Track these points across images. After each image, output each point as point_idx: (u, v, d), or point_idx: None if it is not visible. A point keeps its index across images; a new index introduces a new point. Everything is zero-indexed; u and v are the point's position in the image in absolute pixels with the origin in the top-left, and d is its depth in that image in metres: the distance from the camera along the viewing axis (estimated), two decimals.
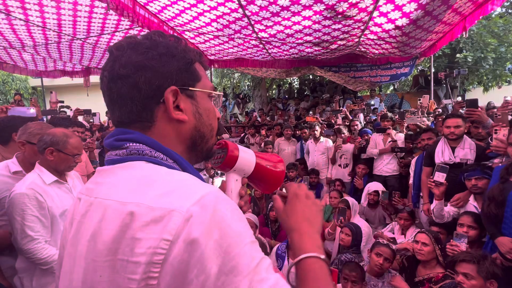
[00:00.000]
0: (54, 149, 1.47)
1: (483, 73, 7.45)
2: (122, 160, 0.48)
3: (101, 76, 0.52)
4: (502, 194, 1.76)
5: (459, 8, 3.46)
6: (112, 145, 0.50)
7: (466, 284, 1.55)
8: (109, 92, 0.50)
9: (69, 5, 3.38)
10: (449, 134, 2.57)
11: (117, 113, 0.51)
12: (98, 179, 0.49)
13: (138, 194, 0.41)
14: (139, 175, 0.44)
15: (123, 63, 0.48)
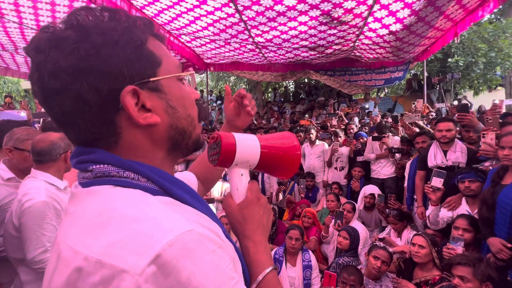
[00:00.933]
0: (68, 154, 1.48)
1: (474, 77, 7.63)
2: (90, 184, 0.40)
3: (33, 92, 0.40)
4: (492, 197, 1.81)
5: (451, 15, 3.55)
6: (77, 168, 0.42)
7: (462, 287, 1.56)
8: (50, 111, 0.39)
9: (64, 8, 3.36)
10: (441, 138, 2.62)
11: (70, 134, 0.41)
12: (70, 206, 0.41)
13: (89, 241, 0.33)
14: (97, 210, 0.36)
15: (51, 72, 0.36)
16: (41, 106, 0.41)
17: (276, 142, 0.57)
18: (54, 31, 0.37)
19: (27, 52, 0.38)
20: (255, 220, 0.51)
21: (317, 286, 2.36)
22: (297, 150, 0.58)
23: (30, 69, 0.39)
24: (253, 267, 0.47)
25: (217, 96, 12.24)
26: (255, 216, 0.51)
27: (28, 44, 0.38)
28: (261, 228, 0.51)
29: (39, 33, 0.38)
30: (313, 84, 10.02)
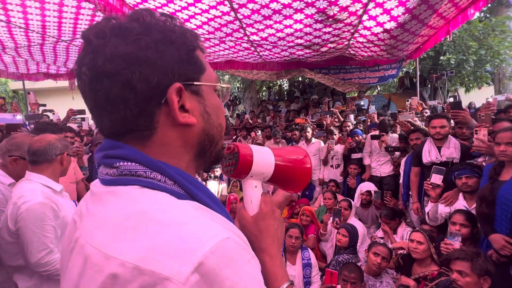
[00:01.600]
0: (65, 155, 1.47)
1: (465, 74, 7.77)
2: (113, 181, 0.39)
3: (77, 73, 0.40)
4: (491, 193, 1.83)
5: (444, 13, 3.60)
6: (102, 163, 0.41)
7: (461, 281, 1.59)
8: (93, 94, 0.39)
9: (54, 6, 3.27)
10: (435, 134, 2.66)
11: (106, 121, 0.40)
12: (90, 204, 0.41)
13: (122, 245, 0.32)
14: (126, 212, 0.35)
15: (108, 56, 0.37)
16: (85, 89, 0.40)
17: (288, 156, 0.59)
18: (119, 21, 0.40)
19: (85, 36, 0.39)
20: (270, 233, 0.51)
21: (317, 284, 2.37)
22: (308, 163, 0.60)
23: (82, 52, 0.40)
24: (270, 281, 0.47)
25: None
26: (270, 229, 0.51)
27: (87, 29, 0.40)
28: (277, 241, 0.51)
29: (102, 22, 0.40)
30: (307, 82, 10.05)
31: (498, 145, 1.84)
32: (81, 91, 0.40)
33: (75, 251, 0.37)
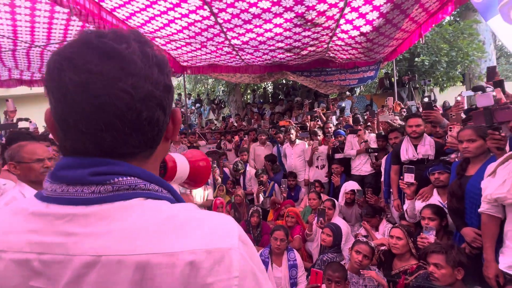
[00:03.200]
0: (14, 163, 1.47)
1: (439, 75, 8.15)
2: (104, 199, 0.37)
3: (106, 90, 0.37)
4: (460, 189, 1.93)
5: (415, 17, 3.78)
6: (82, 181, 0.37)
7: (437, 273, 1.66)
8: (132, 114, 0.38)
9: (25, 10, 3.15)
10: (412, 133, 2.78)
11: (129, 140, 0.39)
12: (72, 228, 0.36)
13: (180, 240, 0.35)
14: (157, 218, 0.37)
15: (155, 83, 0.40)
16: (122, 107, 0.38)
17: (194, 158, 0.68)
18: (153, 51, 0.42)
19: (128, 54, 0.39)
20: None
21: (303, 284, 2.39)
22: (209, 161, 0.72)
23: (117, 68, 0.38)
24: None
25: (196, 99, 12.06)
26: None
27: (127, 47, 0.39)
28: None
29: (137, 47, 0.40)
30: (291, 84, 10.19)
31: (461, 143, 1.95)
32: (110, 107, 0.37)
33: (97, 272, 0.34)
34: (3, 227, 0.37)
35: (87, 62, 0.36)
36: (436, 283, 1.68)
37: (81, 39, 0.38)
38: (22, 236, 0.36)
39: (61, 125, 0.39)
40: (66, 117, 0.38)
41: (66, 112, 0.38)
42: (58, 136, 0.41)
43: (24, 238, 0.36)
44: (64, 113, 0.38)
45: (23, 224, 0.37)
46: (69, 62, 0.37)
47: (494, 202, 1.58)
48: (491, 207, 1.62)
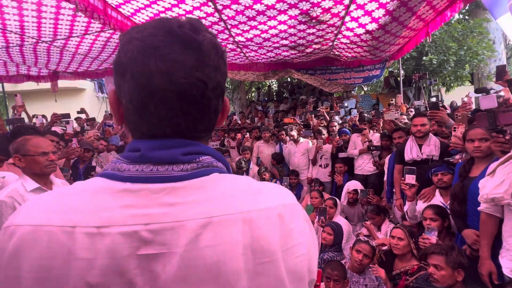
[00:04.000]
0: (19, 156, 1.50)
1: (446, 74, 8.02)
2: (190, 176, 0.41)
3: (180, 81, 0.40)
4: (462, 191, 1.89)
5: (422, 15, 3.71)
6: (175, 159, 0.41)
7: (437, 274, 1.65)
8: (205, 100, 0.42)
9: (32, 5, 3.18)
10: (416, 132, 2.74)
11: (199, 124, 0.44)
12: (170, 199, 0.39)
13: (265, 199, 0.44)
14: (240, 185, 0.44)
15: (222, 72, 0.44)
16: (196, 94, 0.41)
17: None
18: (214, 38, 0.44)
19: (204, 43, 0.41)
20: None
21: None
22: None
23: (194, 57, 0.41)
24: None
25: None
26: None
27: (198, 33, 0.41)
28: None
29: (208, 34, 0.43)
30: (296, 83, 10.14)
31: (472, 141, 1.91)
32: (188, 94, 0.40)
33: (214, 229, 0.39)
34: (93, 205, 0.38)
35: (172, 51, 0.39)
36: (436, 284, 1.66)
37: (163, 27, 0.40)
38: (119, 211, 0.38)
39: (139, 109, 0.41)
40: (146, 102, 0.40)
41: (147, 97, 0.40)
42: (128, 119, 0.43)
43: (124, 213, 0.38)
44: (145, 98, 0.40)
45: (114, 201, 0.39)
46: (155, 50, 0.39)
47: (491, 202, 1.55)
48: (490, 206, 1.60)
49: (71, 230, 0.36)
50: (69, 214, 0.37)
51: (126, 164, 0.41)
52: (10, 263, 0.36)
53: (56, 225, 0.37)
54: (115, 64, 0.42)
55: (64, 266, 0.35)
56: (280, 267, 0.41)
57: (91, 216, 0.37)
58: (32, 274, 0.35)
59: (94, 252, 0.36)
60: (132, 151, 0.42)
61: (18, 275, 0.36)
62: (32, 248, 0.36)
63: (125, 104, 0.42)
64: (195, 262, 0.37)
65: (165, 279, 0.37)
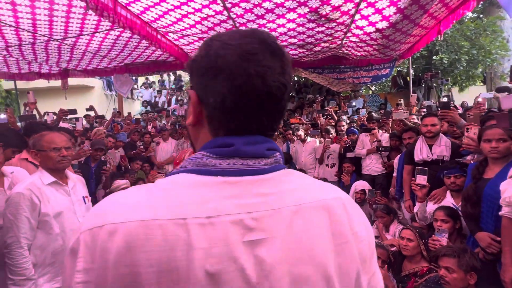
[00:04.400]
0: (35, 151, 1.57)
1: (458, 74, 7.85)
2: (271, 169, 0.46)
3: (271, 84, 0.44)
4: (476, 193, 1.84)
5: (435, 13, 3.64)
6: (262, 154, 0.46)
7: (448, 277, 1.61)
8: (285, 101, 0.48)
9: (44, 4, 3.23)
10: (426, 132, 2.69)
11: (275, 123, 0.49)
12: (263, 189, 0.43)
13: (332, 191, 0.50)
14: (307, 179, 0.50)
15: (291, 76, 0.49)
16: (278, 95, 0.46)
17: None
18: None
19: (278, 50, 0.46)
20: None
21: None
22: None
23: (282, 62, 0.46)
24: None
25: None
26: None
27: (275, 42, 0.47)
28: None
29: (273, 37, 0.48)
30: (303, 82, 10.08)
31: (489, 142, 1.85)
32: (274, 95, 0.45)
33: (303, 216, 0.44)
34: (196, 198, 0.41)
35: (264, 58, 0.44)
36: (447, 287, 1.63)
37: (257, 36, 0.46)
38: (223, 202, 0.41)
39: (232, 108, 0.44)
40: (241, 101, 0.44)
41: (243, 97, 0.43)
42: (214, 117, 0.46)
43: (227, 203, 0.41)
44: (240, 97, 0.43)
45: (215, 193, 0.41)
46: (252, 56, 0.44)
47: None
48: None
49: (183, 222, 0.38)
50: (176, 207, 0.39)
51: (214, 159, 0.44)
52: (120, 261, 0.36)
53: (166, 219, 0.38)
54: (204, 67, 0.45)
55: (184, 257, 0.37)
56: (353, 248, 0.46)
57: (199, 207, 0.39)
58: (152, 268, 0.36)
59: (209, 241, 0.38)
60: (223, 147, 0.44)
61: (134, 272, 0.36)
62: (146, 243, 0.36)
63: (213, 103, 0.45)
64: (293, 245, 0.42)
65: (270, 263, 0.40)
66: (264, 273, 0.40)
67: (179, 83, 12.43)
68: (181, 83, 12.53)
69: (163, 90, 11.93)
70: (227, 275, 0.38)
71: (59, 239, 1.54)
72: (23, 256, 1.42)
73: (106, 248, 0.36)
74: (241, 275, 0.39)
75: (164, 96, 11.46)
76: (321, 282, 0.43)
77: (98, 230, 0.38)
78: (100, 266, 0.37)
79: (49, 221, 1.51)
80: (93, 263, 0.37)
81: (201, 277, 0.37)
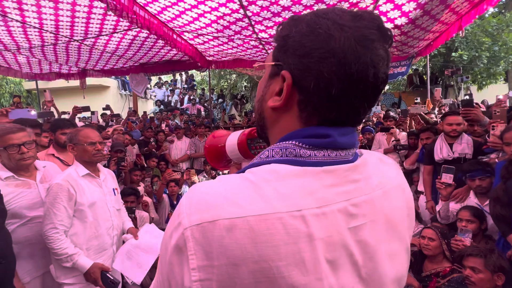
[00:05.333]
0: (72, 145, 1.69)
1: (477, 71, 7.58)
2: (355, 157, 0.46)
3: (380, 76, 0.42)
4: (506, 194, 1.77)
5: (456, 8, 3.53)
6: (353, 145, 0.46)
7: (474, 277, 1.57)
8: (380, 94, 0.46)
9: (67, 5, 3.35)
10: (451, 131, 2.60)
11: (363, 114, 0.46)
12: (356, 176, 0.44)
13: (392, 169, 0.51)
14: (377, 163, 0.50)
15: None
16: (380, 88, 0.44)
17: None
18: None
19: (387, 49, 0.43)
20: None
21: None
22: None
23: (385, 59, 0.42)
24: None
25: (219, 94, 12.24)
26: None
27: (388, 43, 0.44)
28: None
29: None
30: None
31: (508, 145, 1.80)
32: (379, 88, 0.43)
33: (387, 198, 0.46)
34: (302, 188, 0.39)
35: (380, 46, 0.41)
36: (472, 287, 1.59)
37: (374, 21, 0.42)
38: (327, 191, 0.40)
39: (337, 96, 0.41)
40: (345, 90, 0.41)
41: (352, 85, 0.41)
42: (311, 103, 0.43)
43: (331, 191, 0.41)
44: (349, 86, 0.41)
45: (317, 182, 0.40)
46: (371, 43, 0.40)
47: None
48: None
49: (299, 214, 0.37)
50: (288, 199, 0.38)
51: (309, 150, 0.42)
52: (248, 258, 0.35)
53: (282, 212, 0.37)
54: (309, 47, 0.40)
55: (308, 248, 0.37)
56: (413, 221, 0.52)
57: (308, 198, 0.39)
58: (282, 262, 0.35)
59: (326, 231, 0.38)
60: (317, 137, 0.42)
61: (264, 267, 0.35)
62: (271, 238, 0.35)
63: (314, 88, 0.41)
64: (386, 226, 0.44)
65: (373, 246, 0.42)
66: (368, 255, 0.41)
67: (191, 82, 12.59)
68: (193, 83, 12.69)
69: (175, 90, 12.12)
70: (341, 260, 0.39)
71: (92, 227, 1.66)
72: (60, 240, 1.53)
73: (226, 245, 0.35)
74: (350, 260, 0.40)
75: (177, 95, 11.64)
76: (404, 253, 0.47)
77: (209, 226, 0.36)
78: (224, 263, 0.35)
79: (84, 210, 1.62)
80: (210, 260, 0.35)
81: (325, 266, 0.38)
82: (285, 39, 0.43)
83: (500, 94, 3.59)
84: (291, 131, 0.44)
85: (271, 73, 0.47)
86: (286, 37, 0.43)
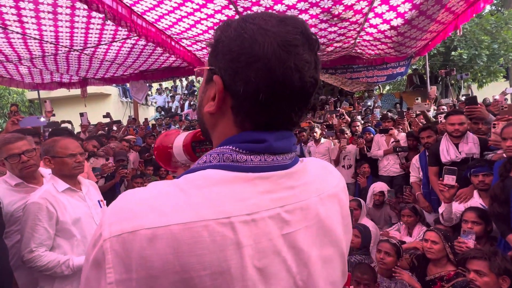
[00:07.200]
0: (48, 157, 1.51)
1: (477, 70, 7.55)
2: (293, 163, 0.46)
3: (307, 80, 0.42)
4: (504, 192, 1.75)
5: (452, 7, 3.52)
6: (290, 150, 0.46)
7: (479, 281, 1.53)
8: (311, 97, 0.46)
9: (66, 16, 3.39)
10: (454, 132, 2.52)
11: (295, 118, 0.46)
12: (291, 182, 0.44)
13: (335, 178, 0.53)
14: (318, 168, 0.52)
15: (319, 70, 0.49)
16: (311, 93, 0.45)
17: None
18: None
19: (317, 53, 0.45)
20: None
21: None
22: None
23: (316, 62, 0.44)
24: None
25: None
26: None
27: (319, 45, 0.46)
28: None
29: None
30: None
31: (505, 140, 1.77)
32: (307, 92, 0.44)
33: (324, 204, 0.47)
34: (234, 195, 0.39)
35: (304, 51, 0.41)
36: None
37: (298, 26, 0.42)
38: (260, 197, 0.40)
39: (266, 101, 0.41)
40: (272, 94, 0.41)
41: (279, 90, 0.40)
42: (242, 108, 0.42)
43: (264, 198, 0.40)
44: (276, 90, 0.40)
45: (251, 189, 0.40)
46: (295, 48, 0.40)
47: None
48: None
49: (227, 221, 0.36)
50: (217, 206, 0.37)
51: (245, 155, 0.41)
52: (169, 268, 0.33)
53: (210, 219, 0.36)
54: (236, 52, 0.40)
55: (235, 256, 0.36)
56: (350, 229, 0.54)
57: (239, 205, 0.38)
58: (206, 271, 0.34)
59: (255, 238, 0.38)
60: (253, 142, 0.42)
61: (186, 277, 0.34)
62: (194, 246, 0.34)
63: (244, 93, 0.40)
64: (320, 232, 0.45)
65: (307, 252, 0.42)
66: (302, 261, 0.42)
67: (191, 88, 12.65)
68: (193, 88, 12.75)
69: (176, 96, 12.18)
70: (273, 267, 0.39)
71: (81, 245, 1.51)
72: (44, 256, 1.39)
73: (147, 256, 0.33)
74: (284, 266, 0.40)
75: (177, 102, 11.69)
76: (339, 259, 0.49)
77: (129, 236, 0.34)
78: (143, 276, 0.33)
79: (69, 228, 1.47)
80: (129, 273, 0.33)
81: (253, 273, 0.37)
82: (216, 44, 0.43)
83: (506, 91, 3.54)
84: (229, 136, 0.44)
85: (207, 78, 0.46)
86: (217, 42, 0.43)
